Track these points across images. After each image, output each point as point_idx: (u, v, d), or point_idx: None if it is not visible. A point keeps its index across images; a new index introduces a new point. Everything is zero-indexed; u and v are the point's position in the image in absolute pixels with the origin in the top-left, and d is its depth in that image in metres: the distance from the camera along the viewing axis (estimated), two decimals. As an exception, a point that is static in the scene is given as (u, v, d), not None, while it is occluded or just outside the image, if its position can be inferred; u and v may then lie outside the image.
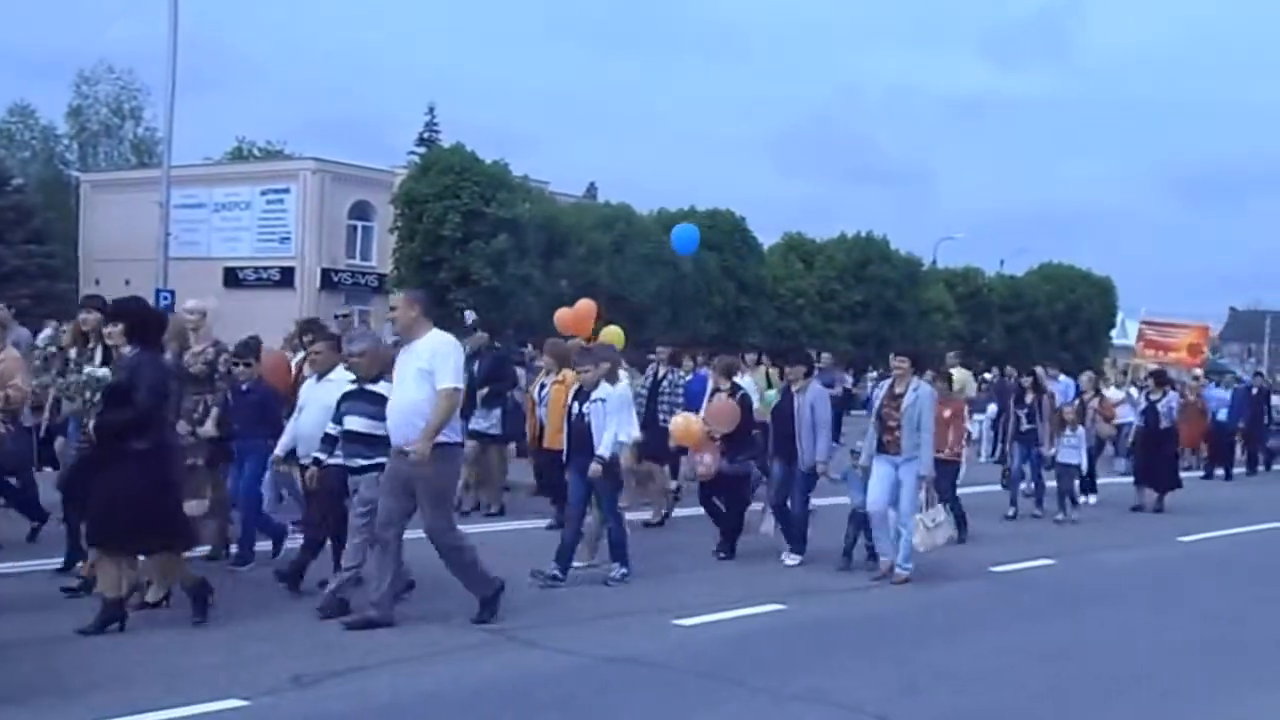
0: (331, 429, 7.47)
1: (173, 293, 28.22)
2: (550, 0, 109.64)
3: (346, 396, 7.47)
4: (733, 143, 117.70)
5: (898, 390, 9.36)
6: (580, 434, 8.66)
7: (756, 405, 10.98)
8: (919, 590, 9.26)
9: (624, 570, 8.72)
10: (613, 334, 12.34)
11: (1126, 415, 19.84)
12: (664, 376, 12.18)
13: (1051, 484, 13.98)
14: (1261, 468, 22.42)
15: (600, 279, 34.91)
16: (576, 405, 8.80)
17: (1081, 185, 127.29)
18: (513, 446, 12.58)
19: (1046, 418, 13.63)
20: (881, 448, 9.34)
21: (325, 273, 38.68)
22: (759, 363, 14.36)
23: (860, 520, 9.67)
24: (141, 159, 53.91)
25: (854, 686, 6.37)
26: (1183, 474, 19.27)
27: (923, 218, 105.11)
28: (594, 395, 8.67)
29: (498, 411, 11.86)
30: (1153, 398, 15.73)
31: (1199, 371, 26.25)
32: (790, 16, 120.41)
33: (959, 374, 16.19)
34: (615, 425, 8.53)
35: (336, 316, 17.65)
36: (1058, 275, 51.26)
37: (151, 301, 28.56)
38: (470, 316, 14.63)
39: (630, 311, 34.54)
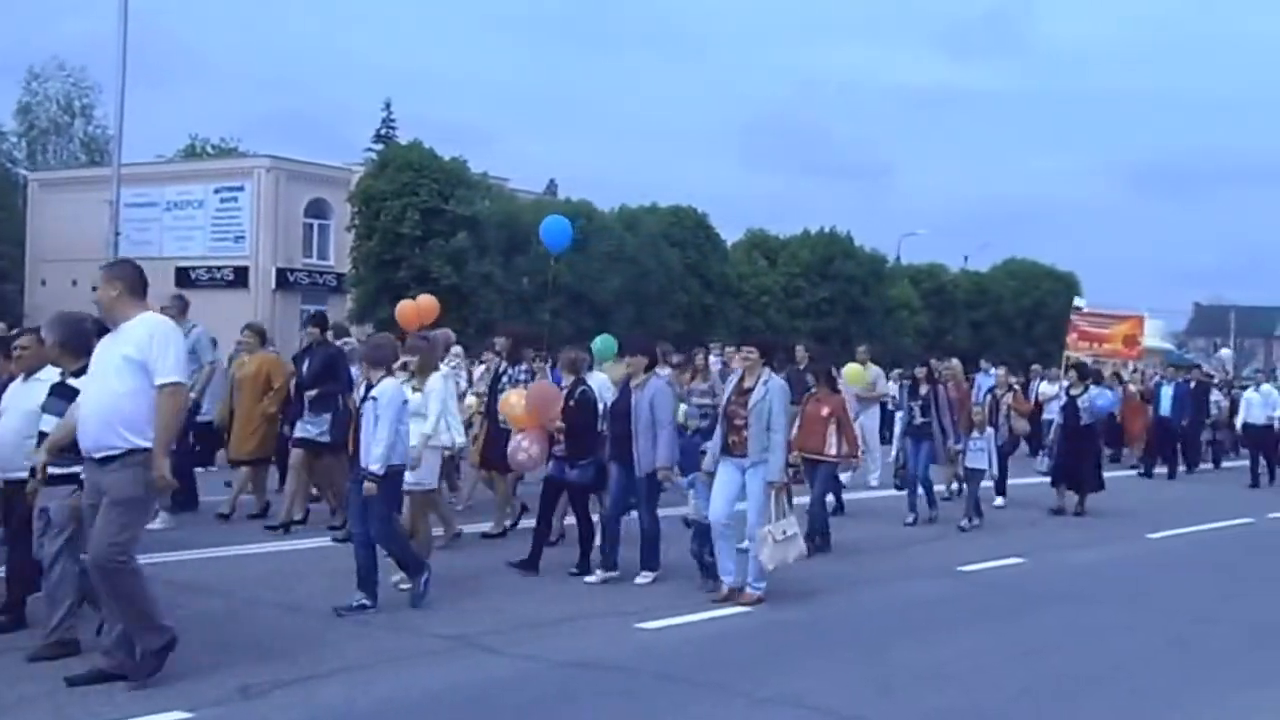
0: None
1: (121, 293, 27.84)
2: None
3: (49, 393, 6.47)
4: (693, 138, 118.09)
5: (746, 384, 8.29)
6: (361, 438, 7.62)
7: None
8: (888, 590, 9.20)
9: (419, 592, 7.61)
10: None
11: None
12: (504, 372, 10.93)
13: (940, 488, 13.55)
14: (1209, 465, 22.01)
15: (561, 276, 34.73)
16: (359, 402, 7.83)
17: (1042, 179, 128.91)
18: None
19: (944, 411, 12.71)
20: (727, 450, 8.29)
21: (281, 272, 38.25)
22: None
23: (703, 533, 8.56)
24: (92, 157, 53.09)
25: (827, 688, 6.29)
26: (1120, 472, 19.36)
27: (884, 213, 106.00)
28: (371, 393, 7.55)
29: (327, 416, 10.41)
30: (1073, 393, 14.70)
31: (1139, 364, 25.86)
32: (747, 11, 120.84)
33: (862, 370, 15.58)
34: (386, 432, 7.35)
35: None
36: (1022, 271, 51.61)
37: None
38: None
39: (593, 310, 34.46)
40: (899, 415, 14.22)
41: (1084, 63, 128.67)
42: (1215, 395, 22.75)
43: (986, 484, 13.41)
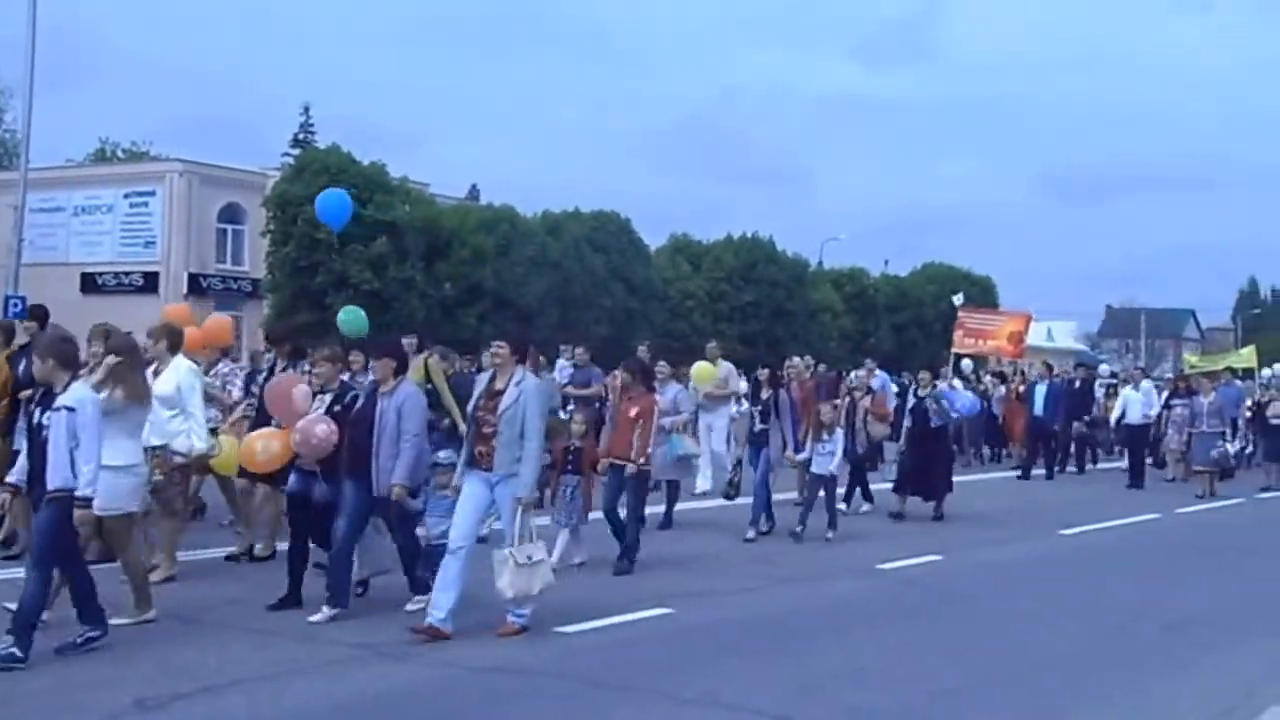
0: None
1: (23, 299, 26.99)
2: (426, 0, 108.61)
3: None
4: (615, 143, 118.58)
5: (497, 386, 7.27)
6: (42, 455, 6.26)
7: None
8: (807, 590, 9.22)
9: (94, 633, 6.39)
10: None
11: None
12: (283, 369, 9.41)
13: (793, 494, 12.90)
14: (1090, 464, 21.40)
15: (485, 281, 34.52)
16: (38, 413, 6.41)
17: (957, 185, 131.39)
18: None
19: (785, 417, 11.66)
20: (474, 461, 7.24)
21: (193, 277, 37.47)
22: (419, 350, 10.99)
23: (437, 556, 7.43)
24: (-1, 161, 51.49)
25: (751, 688, 6.25)
26: (1002, 474, 19.52)
27: (805, 218, 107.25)
28: (60, 400, 6.23)
29: None
30: (921, 393, 13.80)
31: (1021, 363, 25.24)
32: (669, 17, 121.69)
33: (710, 367, 14.66)
34: (93, 448, 6.16)
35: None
36: (940, 275, 52.45)
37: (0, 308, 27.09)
38: None
39: (517, 314, 34.24)
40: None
41: (994, 71, 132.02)
42: (1099, 393, 22.19)
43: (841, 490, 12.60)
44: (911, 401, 13.89)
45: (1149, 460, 19.30)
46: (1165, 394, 20.55)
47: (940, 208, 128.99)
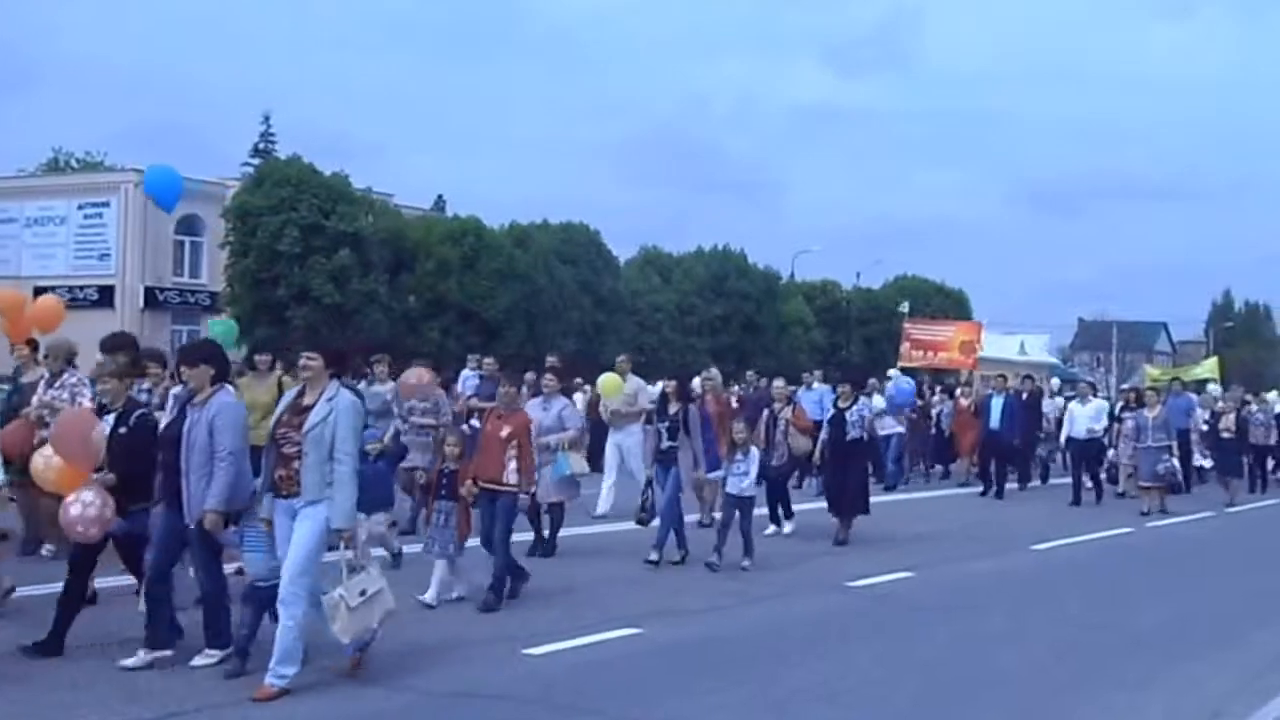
0: None
1: (-25, 314, 26.75)
2: (389, 7, 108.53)
3: None
4: (583, 154, 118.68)
5: (305, 401, 6.56)
6: None
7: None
8: (777, 608, 9.28)
9: None
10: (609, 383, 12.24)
11: (893, 426, 19.22)
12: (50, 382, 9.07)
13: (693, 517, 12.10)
14: (1037, 481, 20.81)
15: (450, 294, 34.47)
16: None
17: (930, 197, 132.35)
18: None
19: (695, 433, 11.14)
20: (276, 487, 6.52)
21: (149, 291, 37.19)
22: (272, 366, 10.68)
23: (262, 599, 6.68)
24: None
25: (721, 709, 6.30)
26: (952, 490, 19.19)
27: (776, 230, 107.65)
28: None
29: None
30: (840, 405, 13.10)
31: (974, 374, 24.07)
32: (638, 26, 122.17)
33: (618, 380, 13.85)
34: None
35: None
36: (913, 288, 52.94)
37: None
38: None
39: (483, 327, 34.20)
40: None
41: (968, 81, 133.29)
42: (1047, 407, 21.58)
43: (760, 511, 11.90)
44: (830, 413, 13.29)
45: (1102, 476, 18.88)
46: (1119, 406, 20.40)
47: (913, 220, 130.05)
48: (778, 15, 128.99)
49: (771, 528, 12.96)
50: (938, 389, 23.22)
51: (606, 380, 13.67)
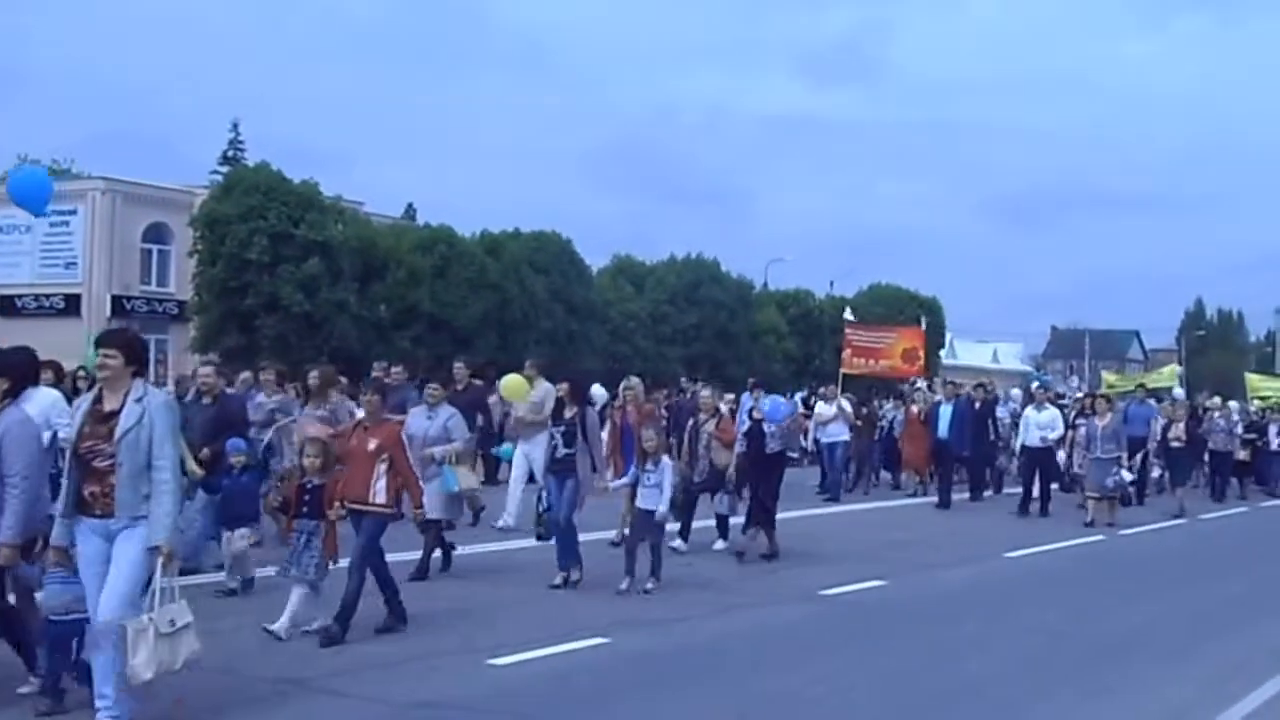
0: None
1: (-64, 323, 26.44)
2: (360, 16, 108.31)
3: None
4: (555, 163, 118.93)
5: (107, 407, 5.72)
6: None
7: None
8: (749, 616, 9.29)
9: None
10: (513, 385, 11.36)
11: (840, 434, 18.86)
12: None
13: (613, 534, 11.85)
14: (990, 491, 20.05)
15: (421, 303, 34.38)
16: None
17: (901, 206, 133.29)
18: None
19: (594, 440, 10.24)
20: (83, 507, 5.69)
21: (116, 300, 36.86)
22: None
23: (59, 637, 5.94)
24: (-94, 178, 50.42)
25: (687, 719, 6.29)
26: (904, 500, 18.75)
27: (749, 239, 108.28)
28: None
29: None
30: (756, 416, 12.54)
31: (922, 382, 23.17)
32: (609, 34, 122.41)
33: (522, 384, 12.61)
34: None
35: None
36: (886, 296, 53.13)
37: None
38: None
39: (454, 337, 34.11)
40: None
41: (941, 91, 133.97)
42: (1001, 414, 20.93)
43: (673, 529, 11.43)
44: (745, 424, 12.50)
45: (1054, 486, 18.34)
46: (1074, 414, 19.89)
47: (887, 229, 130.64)
48: (748, 25, 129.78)
49: (678, 541, 12.04)
50: (891, 398, 22.58)
51: (509, 383, 12.22)
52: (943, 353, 57.48)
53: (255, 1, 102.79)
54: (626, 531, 10.49)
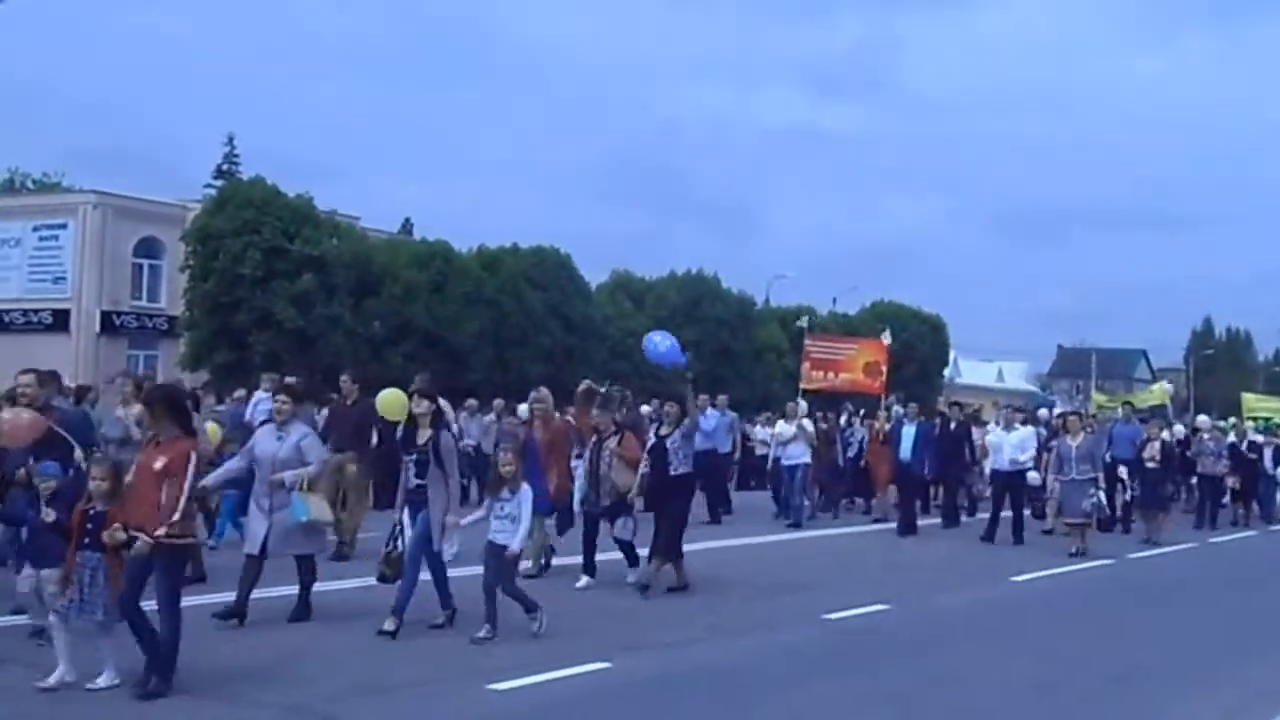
0: None
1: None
2: (355, 28, 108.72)
3: None
4: (553, 178, 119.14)
5: None
6: None
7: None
8: (752, 641, 9.27)
9: None
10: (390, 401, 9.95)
11: (801, 455, 17.87)
12: None
13: (526, 564, 10.77)
14: (965, 517, 18.96)
15: (417, 319, 34.39)
16: None
17: (905, 221, 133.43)
18: None
19: (451, 467, 8.97)
20: None
21: (106, 315, 36.90)
22: None
23: None
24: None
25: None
26: (869, 526, 17.84)
27: (751, 254, 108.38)
28: None
29: None
30: (662, 433, 11.40)
31: (894, 402, 21.39)
32: (608, 48, 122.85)
33: (403, 398, 10.24)
34: None
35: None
36: (889, 313, 53.14)
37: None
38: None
39: (451, 353, 34.13)
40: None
41: (948, 105, 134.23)
42: (976, 435, 19.46)
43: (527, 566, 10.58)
44: (651, 441, 11.47)
45: (1026, 510, 17.54)
46: (1047, 435, 19.13)
47: (891, 245, 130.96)
48: (753, 39, 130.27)
49: (584, 579, 11.21)
50: (857, 417, 21.02)
51: (386, 398, 10.52)
52: (947, 371, 57.55)
53: (251, 15, 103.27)
54: (541, 562, 9.60)
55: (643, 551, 11.43)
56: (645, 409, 15.63)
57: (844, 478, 20.22)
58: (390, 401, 10.33)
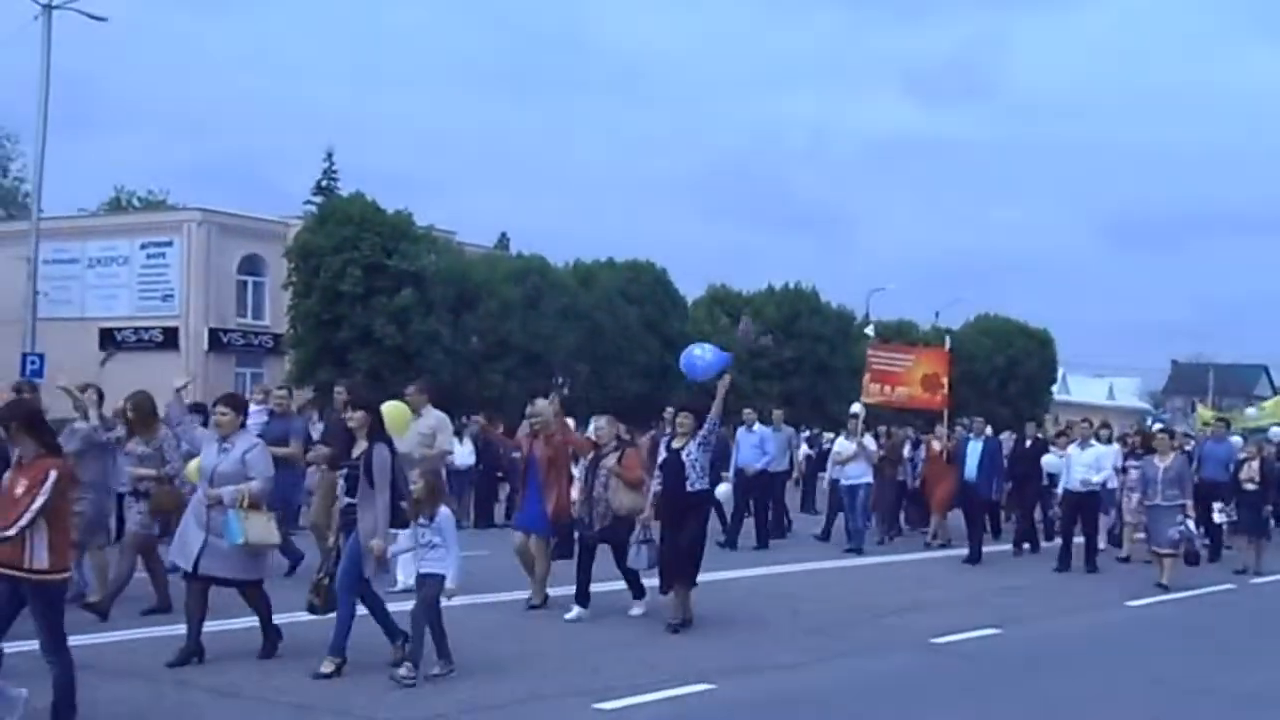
0: None
1: (41, 357, 27.48)
2: (454, 44, 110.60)
3: None
4: (649, 191, 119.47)
5: None
6: None
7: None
8: (857, 665, 9.22)
9: None
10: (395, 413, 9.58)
11: (862, 475, 17.16)
12: None
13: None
14: (1026, 545, 17.73)
15: (513, 335, 34.76)
16: None
17: (1013, 231, 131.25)
18: None
19: (382, 484, 7.94)
20: None
21: (213, 333, 37.91)
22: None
23: None
24: (9, 211, 52.69)
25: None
26: (927, 554, 16.66)
27: (850, 267, 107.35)
28: None
29: None
30: (675, 446, 10.31)
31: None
32: (701, 56, 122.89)
33: (404, 413, 10.71)
34: None
35: None
36: (994, 328, 52.36)
37: (17, 367, 27.52)
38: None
39: (547, 370, 34.46)
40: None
41: (1057, 109, 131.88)
42: (1046, 459, 17.97)
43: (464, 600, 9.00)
44: (662, 455, 10.44)
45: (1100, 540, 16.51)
46: (1124, 454, 17.68)
47: (996, 256, 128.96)
48: (853, 44, 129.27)
49: (575, 609, 10.33)
50: (921, 435, 20.19)
51: (391, 412, 9.98)
52: (1054, 388, 56.39)
53: (349, 32, 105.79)
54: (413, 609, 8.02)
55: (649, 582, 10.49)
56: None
57: (901, 501, 19.33)
58: (393, 417, 9.71)
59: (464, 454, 17.91)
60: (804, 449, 26.81)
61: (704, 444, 10.22)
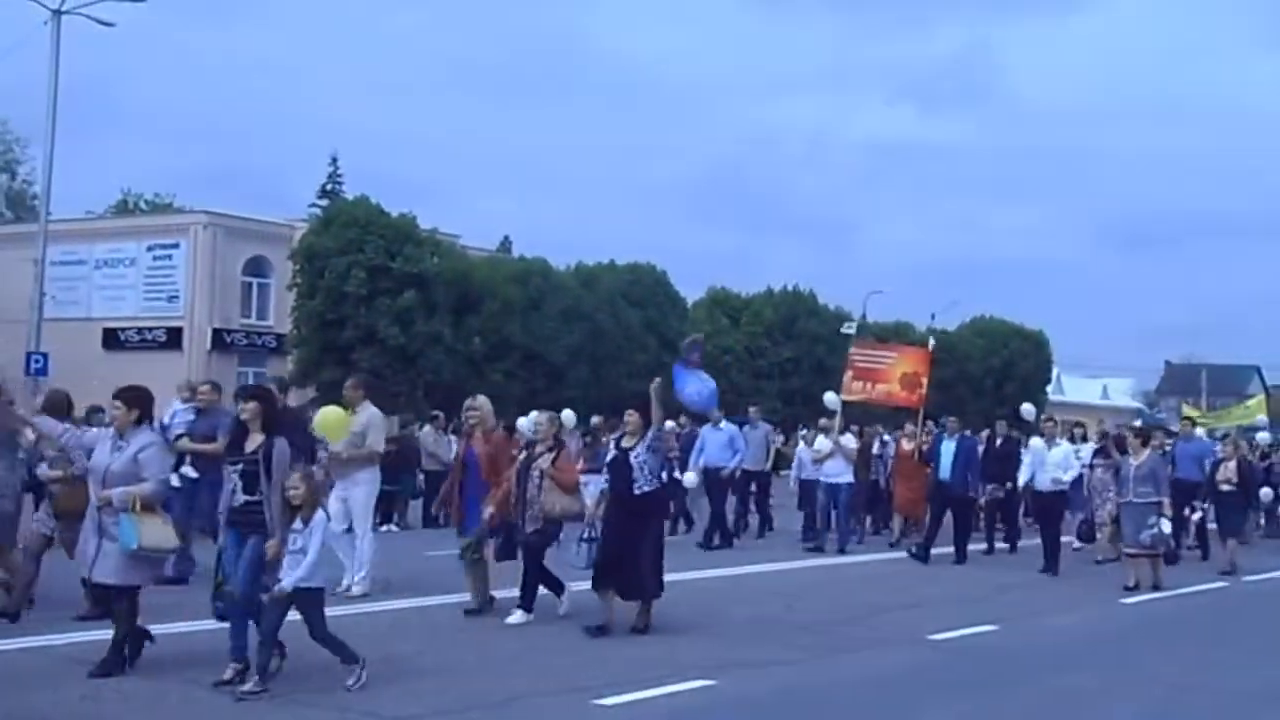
0: None
1: (45, 355, 27.51)
2: (456, 49, 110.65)
3: None
4: (650, 194, 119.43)
5: None
6: None
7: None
8: (856, 662, 9.18)
9: None
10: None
11: (842, 473, 16.70)
12: None
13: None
14: (1002, 543, 17.50)
15: (515, 336, 34.81)
16: None
17: (1009, 235, 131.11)
18: None
19: (275, 486, 7.44)
20: None
21: (217, 333, 38.01)
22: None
23: None
24: (17, 213, 52.69)
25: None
26: (888, 555, 16.04)
27: (848, 270, 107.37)
28: None
29: None
30: (625, 445, 9.94)
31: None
32: (700, 61, 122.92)
33: (340, 417, 10.53)
34: None
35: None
36: (990, 329, 52.38)
37: (21, 365, 27.57)
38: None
39: (548, 369, 34.48)
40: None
41: (1054, 115, 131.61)
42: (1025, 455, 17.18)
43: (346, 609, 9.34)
44: (611, 453, 10.10)
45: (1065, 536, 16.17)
46: (1091, 452, 17.40)
47: (994, 259, 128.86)
48: (851, 50, 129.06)
49: (518, 614, 9.85)
50: (886, 433, 19.93)
51: (325, 418, 9.69)
52: (1049, 388, 56.35)
53: (352, 36, 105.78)
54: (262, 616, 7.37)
55: (577, 586, 10.10)
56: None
57: (870, 500, 18.81)
58: (331, 422, 9.46)
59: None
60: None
61: (653, 447, 9.88)
